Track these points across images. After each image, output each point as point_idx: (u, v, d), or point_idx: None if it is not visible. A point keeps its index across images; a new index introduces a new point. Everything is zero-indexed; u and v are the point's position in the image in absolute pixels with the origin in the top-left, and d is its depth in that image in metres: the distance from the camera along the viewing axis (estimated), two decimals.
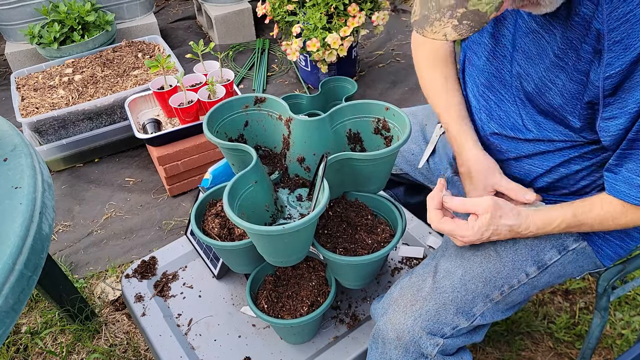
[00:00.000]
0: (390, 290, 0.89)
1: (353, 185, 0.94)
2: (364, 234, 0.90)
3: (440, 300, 0.81)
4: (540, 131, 0.79)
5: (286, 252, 0.81)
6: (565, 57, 0.69)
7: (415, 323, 0.81)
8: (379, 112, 0.90)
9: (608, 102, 0.67)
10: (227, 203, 0.75)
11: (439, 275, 0.83)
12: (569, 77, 0.70)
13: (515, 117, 0.82)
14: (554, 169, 0.83)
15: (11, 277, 0.75)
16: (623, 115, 0.66)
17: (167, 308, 1.10)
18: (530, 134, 0.81)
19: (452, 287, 0.82)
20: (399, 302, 0.84)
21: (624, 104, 0.65)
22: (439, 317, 0.81)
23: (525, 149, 0.83)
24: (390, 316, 0.83)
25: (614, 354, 1.34)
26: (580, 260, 0.88)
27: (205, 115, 0.90)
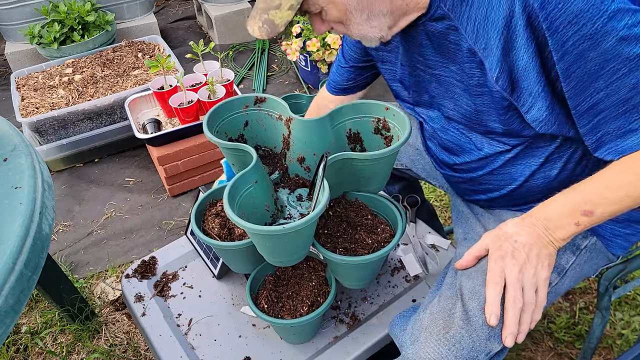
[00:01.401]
0: (418, 315, 0.85)
1: (353, 185, 0.94)
2: (364, 233, 0.90)
3: (472, 326, 0.77)
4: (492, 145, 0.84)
5: (286, 252, 0.81)
6: (464, 80, 0.78)
7: (450, 352, 0.77)
8: (379, 112, 0.90)
9: (517, 96, 0.72)
10: (227, 203, 0.75)
11: (466, 296, 0.79)
12: (475, 95, 0.78)
13: (465, 142, 0.87)
14: (531, 178, 0.84)
15: (11, 277, 0.75)
16: (536, 100, 0.71)
17: (167, 308, 1.10)
18: (481, 152, 0.86)
19: (480, 309, 0.77)
20: (431, 329, 0.80)
21: (529, 91, 0.71)
22: (473, 345, 0.77)
23: (492, 164, 0.86)
24: (423, 344, 0.79)
25: (614, 354, 1.35)
26: (595, 258, 0.87)
27: (206, 115, 0.90)
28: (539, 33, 0.65)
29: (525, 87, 0.71)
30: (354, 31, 0.76)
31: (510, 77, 0.71)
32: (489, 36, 0.69)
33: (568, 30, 0.63)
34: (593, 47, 0.63)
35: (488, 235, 0.77)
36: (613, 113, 0.67)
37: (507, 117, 0.77)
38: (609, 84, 0.65)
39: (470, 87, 0.77)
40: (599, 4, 0.60)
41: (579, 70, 0.65)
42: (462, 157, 0.90)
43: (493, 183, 0.89)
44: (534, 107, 0.72)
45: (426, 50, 0.80)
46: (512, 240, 0.72)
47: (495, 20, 0.67)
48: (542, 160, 0.82)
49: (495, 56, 0.70)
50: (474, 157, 0.87)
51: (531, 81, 0.70)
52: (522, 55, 0.68)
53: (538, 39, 0.66)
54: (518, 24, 0.65)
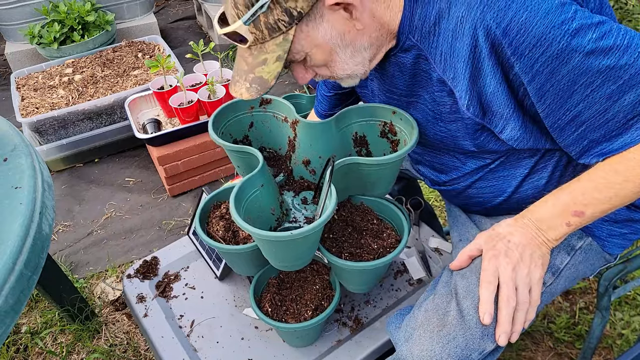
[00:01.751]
0: (413, 313, 0.86)
1: (358, 189, 0.93)
2: (370, 238, 0.90)
3: (466, 324, 0.78)
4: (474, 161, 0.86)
5: (292, 257, 0.81)
6: (435, 109, 0.80)
7: (444, 350, 0.77)
8: (385, 116, 0.90)
9: (489, 120, 0.74)
10: (234, 207, 0.75)
11: (460, 295, 0.80)
12: (449, 122, 0.79)
13: (448, 160, 0.89)
14: (520, 189, 0.86)
15: (11, 277, 0.74)
16: (508, 122, 0.73)
17: (169, 309, 1.09)
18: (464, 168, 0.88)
19: (474, 307, 0.78)
20: (425, 326, 0.80)
21: (500, 114, 0.72)
22: (467, 343, 0.77)
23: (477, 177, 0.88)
24: (416, 341, 0.80)
25: (614, 354, 1.35)
26: (591, 258, 0.88)
27: (211, 117, 0.89)
28: (503, 58, 0.66)
29: (496, 111, 0.72)
30: (339, 71, 0.76)
31: (480, 103, 0.73)
32: (456, 66, 0.71)
33: (534, 52, 0.64)
34: (562, 65, 0.64)
35: (481, 236, 0.78)
36: (596, 122, 0.69)
37: (482, 139, 0.79)
38: (585, 97, 0.66)
39: (443, 114, 0.79)
40: (559, 25, 0.62)
41: (552, 88, 0.67)
42: (448, 175, 0.92)
43: (483, 196, 0.90)
44: (506, 128, 0.74)
45: (398, 81, 0.82)
46: (506, 240, 0.74)
47: (460, 50, 0.69)
48: (527, 171, 0.83)
49: (464, 85, 0.71)
50: (459, 173, 0.89)
51: (501, 105, 0.71)
52: (490, 82, 0.69)
53: (503, 64, 0.67)
54: (482, 52, 0.67)
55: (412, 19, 0.72)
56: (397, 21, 0.73)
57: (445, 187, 0.95)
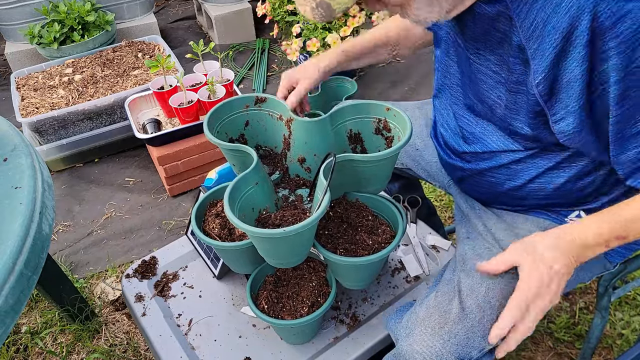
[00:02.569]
0: (414, 309, 0.86)
1: (354, 186, 0.93)
2: (365, 234, 0.90)
3: (468, 323, 0.79)
4: (506, 141, 0.83)
5: (287, 254, 0.81)
6: (502, 73, 0.75)
7: (444, 347, 0.78)
8: (379, 113, 0.90)
9: (551, 105, 0.71)
10: (228, 205, 0.75)
11: (463, 293, 0.81)
12: (509, 91, 0.75)
13: (480, 132, 0.86)
14: (535, 180, 0.84)
15: (11, 277, 0.75)
16: (569, 115, 0.70)
17: (168, 308, 1.10)
18: (492, 146, 0.85)
19: (477, 306, 0.79)
20: (426, 323, 0.81)
21: (565, 104, 0.69)
22: (468, 341, 0.78)
23: (500, 160, 0.85)
24: (417, 338, 0.80)
25: (614, 354, 1.35)
26: (592, 266, 0.88)
27: (206, 116, 0.90)
28: (599, 50, 0.63)
29: (563, 100, 0.69)
30: (412, 15, 0.72)
31: (551, 85, 0.69)
32: (545, 40, 0.66)
33: (636, 53, 0.61)
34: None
35: (519, 251, 0.74)
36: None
37: (535, 122, 0.75)
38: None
39: (509, 82, 0.75)
40: None
41: (635, 94, 0.64)
42: (472, 146, 0.88)
43: (496, 177, 0.88)
44: (564, 120, 0.71)
45: (468, 31, 0.78)
46: (548, 267, 0.70)
47: (556, 26, 0.65)
48: (550, 165, 0.81)
49: (545, 61, 0.67)
50: (484, 148, 0.86)
51: (572, 96, 0.68)
52: (573, 69, 0.66)
53: (596, 56, 0.64)
54: (580, 37, 0.63)
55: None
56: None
57: (461, 161, 0.92)
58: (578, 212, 0.87)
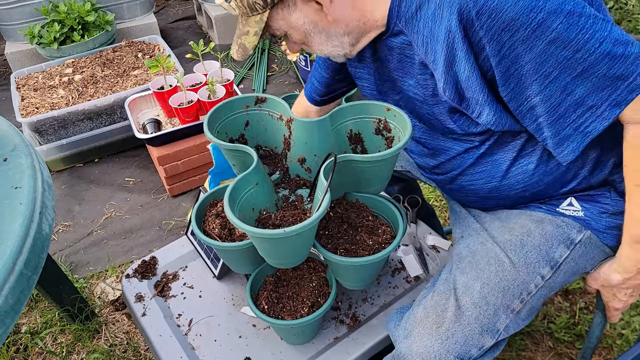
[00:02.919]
0: (412, 310, 0.87)
1: (354, 186, 0.93)
2: (365, 235, 0.90)
3: (465, 320, 0.79)
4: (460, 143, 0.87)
5: (287, 254, 0.81)
6: (421, 92, 0.83)
7: (443, 346, 0.79)
8: (380, 113, 0.90)
9: (466, 105, 0.77)
10: (228, 205, 0.75)
11: (459, 291, 0.82)
12: (430, 104, 0.83)
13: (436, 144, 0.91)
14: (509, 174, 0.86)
15: (11, 277, 0.75)
16: (483, 107, 0.75)
17: (168, 308, 1.10)
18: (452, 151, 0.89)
19: (473, 303, 0.79)
20: (424, 323, 0.82)
21: (475, 100, 0.75)
22: (466, 339, 0.79)
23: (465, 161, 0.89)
24: (415, 338, 0.81)
25: (614, 354, 1.35)
26: (590, 252, 0.88)
27: (206, 116, 0.90)
28: (474, 42, 0.69)
29: (472, 97, 0.75)
30: (317, 50, 0.84)
31: (456, 88, 0.75)
32: (435, 50, 0.73)
33: (503, 36, 0.66)
34: (527, 51, 0.67)
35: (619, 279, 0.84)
36: (548, 119, 0.71)
37: (461, 122, 0.81)
38: (542, 88, 0.69)
39: (427, 97, 0.82)
40: (528, 12, 0.64)
41: (516, 73, 0.69)
42: (436, 159, 0.93)
43: (475, 183, 0.91)
44: (482, 114, 0.76)
45: (389, 64, 0.86)
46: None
47: (438, 35, 0.72)
48: (515, 154, 0.84)
49: (441, 69, 0.74)
50: (447, 156, 0.90)
51: (475, 91, 0.74)
52: (464, 67, 0.72)
53: (474, 48, 0.70)
54: (456, 37, 0.69)
55: (399, 5, 0.76)
56: (384, 8, 0.77)
57: (437, 176, 0.96)
58: (570, 201, 0.88)
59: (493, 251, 0.86)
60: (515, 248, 0.85)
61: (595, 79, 0.66)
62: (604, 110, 0.68)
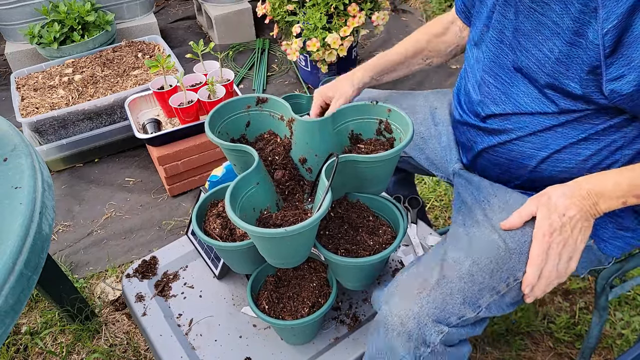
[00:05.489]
0: (395, 277, 0.86)
1: (355, 186, 0.94)
2: (366, 235, 0.90)
3: (447, 288, 0.79)
4: (542, 103, 0.80)
5: (288, 254, 0.81)
6: (563, 22, 0.71)
7: (422, 310, 0.78)
8: (381, 114, 0.90)
9: (611, 62, 0.68)
10: (229, 205, 0.75)
11: (446, 264, 0.81)
12: (566, 42, 0.72)
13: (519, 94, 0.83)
14: (562, 150, 0.81)
15: (11, 277, 0.75)
16: (631, 71, 0.67)
17: (168, 308, 1.10)
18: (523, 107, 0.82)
19: (459, 277, 0.79)
20: (406, 288, 0.81)
21: (629, 60, 0.66)
22: (445, 305, 0.78)
23: (531, 125, 0.82)
24: (396, 301, 0.81)
25: (614, 354, 1.35)
26: (587, 258, 0.87)
27: (207, 116, 0.90)
28: None
29: (627, 55, 0.66)
30: None
31: (619, 37, 0.66)
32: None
33: None
34: None
35: (535, 202, 0.77)
36: None
37: (587, 79, 0.72)
38: None
39: (566, 31, 0.71)
40: None
41: None
42: (501, 107, 0.85)
43: (520, 146, 0.85)
44: (623, 78, 0.68)
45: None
46: (561, 213, 0.73)
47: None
48: (582, 137, 0.79)
49: (619, 9, 0.64)
50: (515, 109, 0.83)
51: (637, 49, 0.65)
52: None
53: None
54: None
55: None
56: None
57: (482, 123, 0.89)
58: None
59: (491, 237, 0.84)
60: (515, 235, 0.84)
61: None
62: None
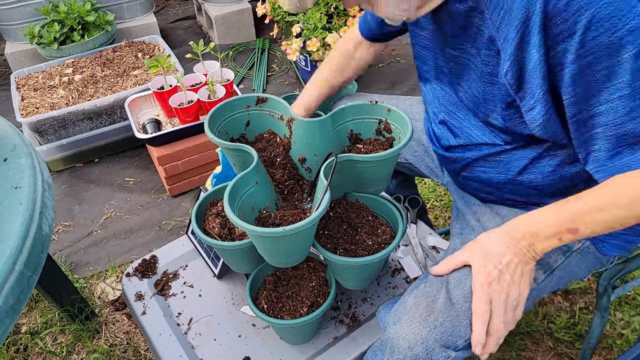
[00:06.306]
0: (403, 298, 0.87)
1: (354, 186, 0.94)
2: (365, 235, 0.90)
3: (454, 312, 0.79)
4: (490, 134, 0.84)
5: (286, 254, 0.81)
6: (480, 65, 0.77)
7: (430, 334, 0.78)
8: (381, 114, 0.90)
9: (522, 95, 0.73)
10: (228, 204, 0.75)
11: (451, 284, 0.81)
12: (486, 83, 0.78)
13: (466, 126, 0.88)
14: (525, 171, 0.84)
15: (11, 277, 0.75)
16: (537, 103, 0.71)
17: (168, 307, 1.10)
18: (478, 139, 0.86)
19: (463, 296, 0.79)
20: (414, 311, 0.81)
21: (532, 92, 0.71)
22: (454, 329, 0.78)
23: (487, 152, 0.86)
24: (404, 324, 0.81)
25: (614, 354, 1.35)
26: (586, 260, 0.87)
27: (207, 115, 0.90)
28: (552, 33, 0.64)
29: (529, 89, 0.71)
30: (382, 11, 0.76)
31: (519, 74, 0.71)
32: (509, 28, 0.68)
33: (587, 35, 0.61)
34: (606, 57, 0.62)
35: (471, 251, 0.76)
36: (607, 133, 0.67)
37: (508, 113, 0.77)
38: (609, 100, 0.65)
39: (484, 74, 0.77)
40: (622, 16, 0.59)
41: (587, 77, 0.64)
42: (457, 140, 0.90)
43: (487, 172, 0.89)
44: (534, 109, 0.72)
45: (449, 30, 0.80)
46: (497, 261, 0.72)
47: (516, 13, 0.66)
48: (536, 155, 0.82)
49: (510, 49, 0.69)
50: (469, 141, 0.87)
51: (535, 84, 0.69)
52: (533, 55, 0.67)
53: (549, 39, 0.65)
54: (535, 22, 0.64)
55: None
56: None
57: (450, 154, 0.93)
58: None
59: None
60: None
61: None
62: None
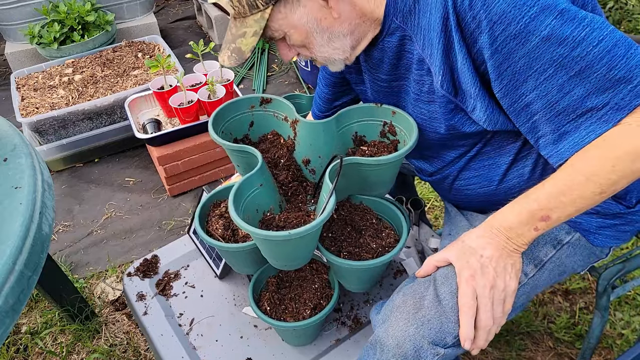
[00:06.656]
0: (391, 297, 0.87)
1: (358, 188, 0.93)
2: (369, 238, 0.90)
3: (441, 309, 0.78)
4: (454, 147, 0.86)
5: (290, 257, 0.81)
6: (417, 89, 0.81)
7: (418, 332, 0.78)
8: (385, 116, 0.90)
9: (461, 99, 0.75)
10: (233, 206, 0.75)
11: (438, 282, 0.81)
12: (426, 102, 0.81)
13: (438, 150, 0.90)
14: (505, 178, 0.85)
15: (11, 277, 0.74)
16: (476, 101, 0.73)
17: (169, 307, 1.09)
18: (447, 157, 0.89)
19: (450, 293, 0.78)
20: (402, 309, 0.81)
21: (469, 93, 0.73)
22: (441, 326, 0.78)
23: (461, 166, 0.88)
24: (392, 323, 0.81)
25: (614, 354, 1.35)
26: (579, 253, 0.87)
27: (211, 115, 0.89)
28: (467, 32, 0.67)
29: (465, 89, 0.73)
30: (318, 54, 0.80)
31: (452, 79, 0.73)
32: (432, 42, 0.71)
33: (495, 29, 0.64)
34: (520, 46, 0.64)
35: (452, 249, 0.76)
36: (546, 115, 0.68)
37: (456, 120, 0.79)
38: (538, 85, 0.67)
39: (422, 94, 0.80)
40: (520, 5, 0.62)
41: (509, 69, 0.67)
42: (433, 165, 0.92)
43: (471, 187, 0.90)
44: (476, 109, 0.74)
45: (384, 66, 0.84)
46: (478, 255, 0.72)
47: (434, 24, 0.69)
48: (511, 159, 0.83)
49: (438, 60, 0.72)
50: (443, 162, 0.89)
51: (468, 82, 0.71)
52: (458, 55, 0.70)
53: (467, 38, 0.68)
54: (451, 24, 0.67)
55: (395, 2, 0.74)
56: (381, 9, 0.76)
57: (433, 178, 0.95)
58: None
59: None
60: None
61: (595, 80, 0.64)
62: (605, 113, 0.66)
